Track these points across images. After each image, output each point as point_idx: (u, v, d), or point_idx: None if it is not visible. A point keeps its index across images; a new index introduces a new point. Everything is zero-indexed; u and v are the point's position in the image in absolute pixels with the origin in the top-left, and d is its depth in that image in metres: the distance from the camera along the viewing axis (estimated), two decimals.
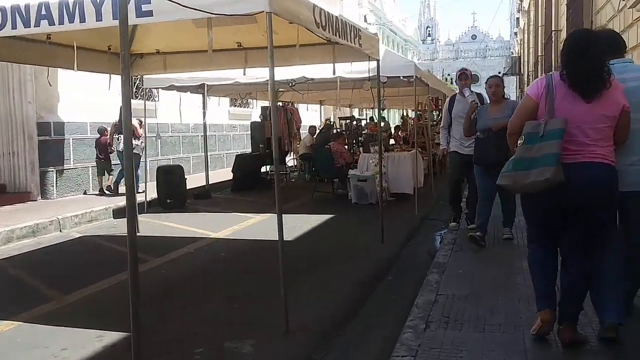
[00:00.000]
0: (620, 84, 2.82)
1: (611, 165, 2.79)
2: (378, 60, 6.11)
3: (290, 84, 8.90)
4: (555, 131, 2.71)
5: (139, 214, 8.19)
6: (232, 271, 5.27)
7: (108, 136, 9.59)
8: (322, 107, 18.50)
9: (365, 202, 8.87)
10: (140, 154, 9.05)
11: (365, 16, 33.87)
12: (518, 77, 32.16)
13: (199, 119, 12.95)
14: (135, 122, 8.74)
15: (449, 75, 77.65)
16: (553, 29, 10.33)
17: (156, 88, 10.14)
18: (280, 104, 12.92)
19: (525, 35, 26.28)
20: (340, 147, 9.62)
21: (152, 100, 12.32)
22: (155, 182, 9.18)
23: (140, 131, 9.09)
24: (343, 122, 18.74)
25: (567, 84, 2.77)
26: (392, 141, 13.01)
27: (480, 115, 5.35)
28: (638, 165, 2.96)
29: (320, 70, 7.71)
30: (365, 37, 5.56)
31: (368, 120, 19.39)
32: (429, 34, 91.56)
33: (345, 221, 7.77)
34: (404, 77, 7.99)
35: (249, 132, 12.50)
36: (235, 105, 16.12)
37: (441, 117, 9.53)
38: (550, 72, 3.16)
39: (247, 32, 5.89)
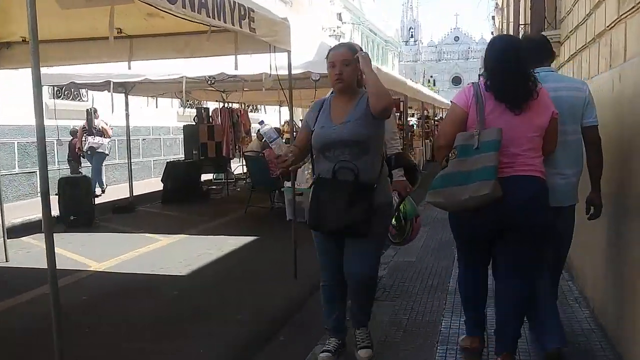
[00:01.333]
0: (547, 91, 2.66)
1: (543, 179, 2.62)
2: (289, 52, 4.88)
3: (209, 82, 7.64)
4: (491, 143, 2.49)
5: (33, 234, 6.94)
6: (74, 328, 3.68)
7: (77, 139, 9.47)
8: (290, 108, 17.22)
9: (302, 219, 7.63)
10: (107, 152, 9.71)
11: (339, 14, 32.66)
12: None
13: (140, 121, 11.71)
14: (103, 122, 9.55)
15: (431, 77, 78.03)
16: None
17: (52, 86, 8.80)
18: (223, 105, 11.66)
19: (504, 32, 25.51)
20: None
21: (79, 100, 11.02)
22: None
23: (110, 132, 9.71)
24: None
25: (494, 96, 2.58)
26: None
27: (312, 120, 2.93)
28: (562, 179, 2.83)
29: (246, 66, 6.51)
30: (264, 21, 4.33)
31: None
32: (412, 35, 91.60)
33: (266, 246, 6.52)
34: None
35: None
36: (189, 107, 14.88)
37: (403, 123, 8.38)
38: (477, 81, 2.76)
39: (126, 14, 4.63)
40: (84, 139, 9.45)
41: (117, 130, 10.41)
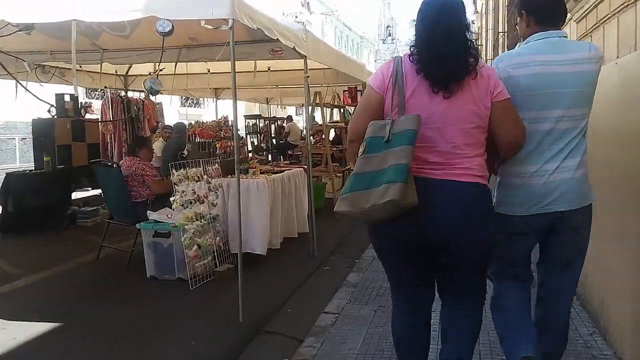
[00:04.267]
0: (491, 68, 2.11)
1: (483, 185, 2.03)
2: None
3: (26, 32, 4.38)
4: (404, 134, 1.91)
5: None
6: None
7: None
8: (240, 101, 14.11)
9: (170, 276, 4.61)
10: None
11: (308, 3, 29.67)
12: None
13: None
14: None
15: None
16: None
17: None
18: (120, 94, 8.54)
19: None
20: (143, 167, 5.26)
21: None
22: None
23: None
24: (250, 122, 14.62)
25: (418, 73, 1.99)
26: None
27: None
28: (541, 177, 2.15)
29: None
30: None
31: (286, 121, 15.25)
32: (389, 33, 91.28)
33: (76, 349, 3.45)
34: (206, 22, 3.82)
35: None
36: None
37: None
38: (400, 55, 2.09)
39: None
40: None
41: None
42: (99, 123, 7.90)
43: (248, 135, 14.31)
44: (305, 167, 7.01)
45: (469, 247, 2.02)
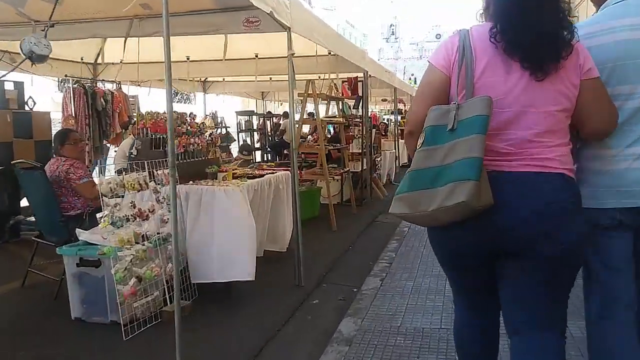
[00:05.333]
0: (582, 46, 1.74)
1: (569, 177, 1.70)
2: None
3: None
4: (474, 120, 1.61)
5: None
6: None
7: None
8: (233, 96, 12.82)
9: (102, 318, 3.41)
10: None
11: None
12: None
13: None
14: None
15: (412, 75, 75.69)
16: None
17: None
18: (85, 84, 7.37)
19: None
20: (67, 167, 4.01)
21: None
22: None
23: None
24: (243, 119, 13.41)
25: (496, 47, 1.68)
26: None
27: None
28: (622, 162, 1.84)
29: None
30: None
31: (282, 118, 14.02)
32: (393, 32, 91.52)
33: None
34: None
35: None
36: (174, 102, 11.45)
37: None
38: (467, 28, 1.78)
39: None
40: None
41: None
42: (54, 117, 6.69)
43: (241, 134, 13.20)
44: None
45: (554, 252, 1.65)
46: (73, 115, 7.35)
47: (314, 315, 3.65)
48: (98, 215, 3.35)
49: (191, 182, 4.09)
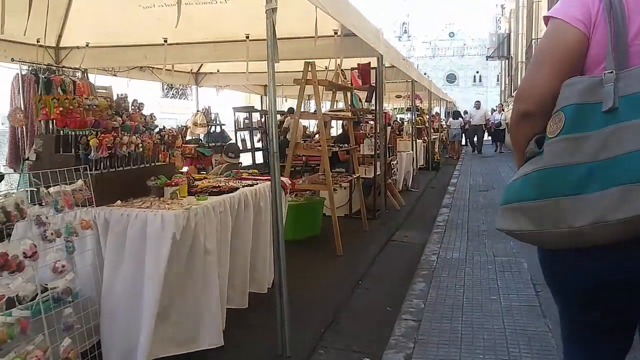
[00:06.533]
0: None
1: None
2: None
3: None
4: None
5: None
6: None
7: None
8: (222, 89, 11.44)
9: None
10: None
11: None
12: (507, 60, 25.55)
13: None
14: None
15: (425, 74, 74.37)
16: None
17: None
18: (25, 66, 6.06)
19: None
20: None
21: None
22: None
23: None
24: (241, 115, 11.99)
25: None
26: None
27: None
28: None
29: None
30: None
31: (287, 115, 12.59)
32: (405, 30, 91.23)
33: None
34: None
35: None
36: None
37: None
38: None
39: None
40: None
41: None
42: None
43: (239, 132, 11.83)
44: (289, 178, 4.45)
45: None
46: (22, 108, 6.04)
47: None
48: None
49: (119, 201, 2.70)
